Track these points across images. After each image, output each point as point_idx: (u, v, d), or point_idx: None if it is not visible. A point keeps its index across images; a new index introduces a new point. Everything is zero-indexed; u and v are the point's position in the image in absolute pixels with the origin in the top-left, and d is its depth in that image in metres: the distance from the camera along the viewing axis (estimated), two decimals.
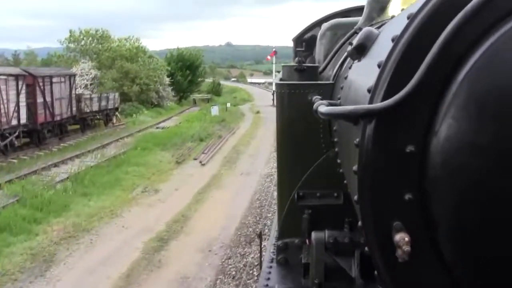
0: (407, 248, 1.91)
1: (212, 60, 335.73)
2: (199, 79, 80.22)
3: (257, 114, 52.01)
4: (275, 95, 4.60)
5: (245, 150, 28.48)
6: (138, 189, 19.07)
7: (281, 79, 4.57)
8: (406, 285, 2.14)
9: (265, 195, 18.00)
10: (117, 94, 40.80)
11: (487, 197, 1.83)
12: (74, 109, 32.29)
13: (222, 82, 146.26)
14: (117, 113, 41.54)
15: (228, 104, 55.98)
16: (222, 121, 41.36)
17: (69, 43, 59.92)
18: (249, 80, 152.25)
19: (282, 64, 4.80)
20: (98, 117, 37.00)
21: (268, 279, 4.50)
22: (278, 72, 6.14)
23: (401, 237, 1.95)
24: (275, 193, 11.45)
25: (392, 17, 3.62)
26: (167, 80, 63.16)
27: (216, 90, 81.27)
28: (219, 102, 70.94)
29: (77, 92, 35.38)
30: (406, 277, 2.13)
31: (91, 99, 34.76)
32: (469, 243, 1.93)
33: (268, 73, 60.66)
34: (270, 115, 45.36)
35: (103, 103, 36.43)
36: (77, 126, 33.86)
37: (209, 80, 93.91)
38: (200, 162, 24.17)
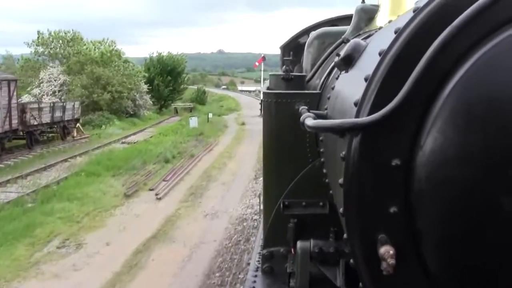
0: (392, 261, 1.91)
1: (203, 68, 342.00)
2: (182, 86, 76.53)
3: (241, 125, 50.02)
4: (262, 104, 4.40)
5: (219, 175, 24.30)
6: (53, 243, 13.61)
7: (268, 88, 4.48)
8: None
9: (231, 260, 12.96)
10: (77, 103, 37.62)
11: (472, 209, 1.85)
12: (15, 121, 27.40)
13: (212, 90, 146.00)
14: (78, 124, 37.80)
15: (210, 115, 54.44)
16: (200, 135, 39.10)
17: (37, 46, 55.07)
18: (239, 88, 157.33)
19: (270, 73, 4.76)
20: (53, 130, 33.89)
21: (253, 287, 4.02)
22: (266, 79, 5.96)
23: (386, 250, 1.94)
24: (245, 255, 10.64)
25: (380, 28, 3.62)
26: (144, 87, 59.27)
27: (200, 99, 73.94)
28: (202, 111, 68.08)
29: (23, 101, 32.42)
30: None
31: (40, 109, 30.44)
32: (454, 255, 1.94)
33: (259, 80, 74.13)
34: (256, 126, 43.99)
35: (58, 114, 32.67)
36: (23, 141, 29.77)
37: (193, 87, 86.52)
38: (156, 195, 19.54)
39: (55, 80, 50.28)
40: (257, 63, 63.57)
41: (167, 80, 62.11)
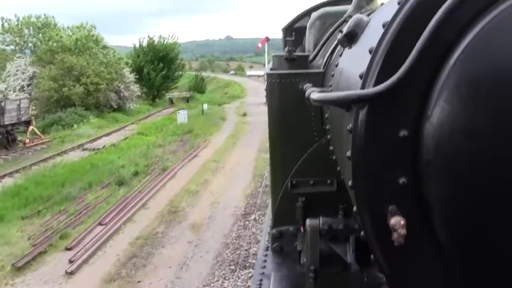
0: (402, 231, 1.96)
1: (211, 54, 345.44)
2: (176, 73, 69.10)
3: (242, 117, 43.89)
4: (266, 85, 4.57)
5: (190, 208, 16.23)
6: None
7: (271, 69, 4.63)
8: (402, 268, 2.19)
9: None
10: (25, 101, 30.66)
11: (480, 181, 1.90)
12: None
13: (219, 75, 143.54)
14: (32, 127, 31.05)
15: (205, 106, 47.46)
16: (188, 133, 32.86)
17: (1, 34, 49.35)
18: (248, 72, 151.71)
19: (272, 54, 4.96)
20: None
21: (264, 267, 4.59)
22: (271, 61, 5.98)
23: (397, 221, 2.00)
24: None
25: (382, 4, 3.76)
26: (130, 76, 52.94)
27: (199, 87, 62.81)
28: (200, 101, 62.07)
29: None
30: (402, 260, 2.18)
31: None
32: (464, 226, 2.01)
33: None
34: (259, 118, 38.93)
35: None
36: None
37: (191, 73, 77.00)
38: (70, 262, 11.83)
39: (23, 73, 44.74)
40: (259, 44, 53.67)
41: (158, 67, 51.25)
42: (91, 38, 45.86)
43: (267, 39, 53.94)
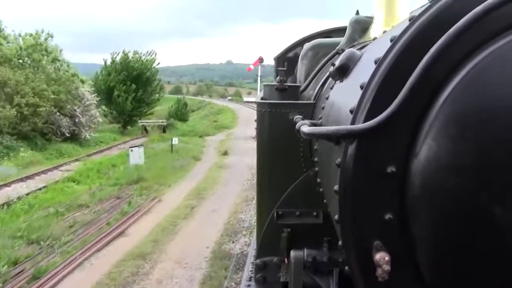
0: (387, 267, 2.04)
1: (211, 78, 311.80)
2: (153, 97, 41.08)
3: (222, 157, 35.06)
4: (256, 115, 4.82)
5: None
6: None
7: (262, 98, 4.84)
8: None
9: None
10: None
11: (466, 217, 2.01)
12: None
13: (215, 101, 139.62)
14: None
15: (175, 140, 36.91)
16: (137, 182, 24.51)
17: None
18: (245, 98, 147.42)
19: (263, 83, 5.18)
20: None
21: None
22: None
23: (381, 256, 2.07)
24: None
25: (374, 39, 3.96)
26: (90, 97, 43.54)
27: (180, 113, 50.17)
28: (180, 131, 53.88)
29: None
30: None
31: None
32: (448, 263, 2.11)
33: None
34: (243, 158, 31.85)
35: None
36: None
37: (197, 98, 67.99)
38: None
39: None
40: (252, 66, 41.67)
41: (130, 89, 39.80)
42: (39, 47, 34.56)
43: (261, 60, 43.61)
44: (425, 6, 2.24)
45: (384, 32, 3.50)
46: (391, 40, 2.21)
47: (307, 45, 6.31)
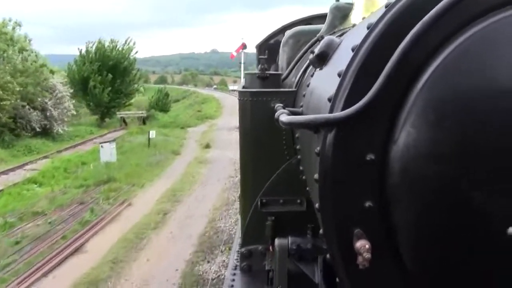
0: (367, 255, 2.07)
1: (196, 67, 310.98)
2: (131, 87, 37.71)
3: (204, 150, 32.59)
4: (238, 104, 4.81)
5: None
6: None
7: (244, 87, 4.89)
8: None
9: None
10: None
11: (445, 204, 2.03)
12: None
13: (200, 90, 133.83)
14: None
15: (153, 133, 34.07)
16: (106, 182, 22.15)
17: None
18: (230, 87, 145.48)
19: (245, 72, 5.50)
20: None
21: (232, 286, 4.67)
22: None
23: (362, 244, 2.10)
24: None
25: (354, 25, 4.02)
26: (63, 90, 40.50)
27: (162, 104, 47.17)
28: (162, 122, 50.91)
29: None
30: (367, 283, 2.29)
31: None
32: (428, 250, 2.15)
33: None
34: (226, 152, 29.50)
35: None
36: None
37: (181, 87, 66.36)
38: None
39: None
40: (234, 53, 39.10)
41: (107, 79, 36.82)
42: (4, 37, 31.70)
43: (244, 46, 40.95)
44: None
45: (363, 18, 3.56)
46: (367, 28, 2.25)
47: (288, 33, 6.38)
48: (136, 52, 55.28)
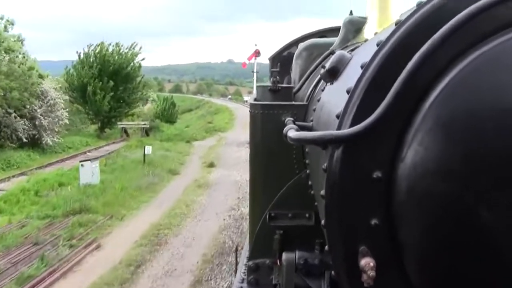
0: (372, 273, 2.09)
1: (212, 77, 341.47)
2: (134, 96, 32.89)
3: (206, 169, 28.69)
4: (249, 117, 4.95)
5: None
6: None
7: (255, 99, 4.92)
8: None
9: None
10: None
11: (453, 221, 2.06)
12: None
13: (214, 100, 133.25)
14: None
15: (149, 149, 29.91)
16: (79, 212, 17.99)
17: None
18: (245, 98, 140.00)
19: (257, 84, 5.77)
20: None
21: None
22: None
23: (367, 262, 2.12)
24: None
25: (366, 40, 4.12)
26: (56, 96, 36.32)
27: (168, 114, 42.52)
28: (165, 135, 44.80)
29: None
30: None
31: None
32: (434, 268, 2.17)
33: None
34: (233, 173, 26.70)
35: None
36: None
37: (196, 97, 63.87)
38: None
39: None
40: (247, 61, 33.87)
41: (107, 86, 32.37)
42: None
43: (257, 53, 36.90)
44: (411, 9, 2.35)
45: (376, 33, 3.64)
46: (377, 45, 2.33)
47: (301, 45, 6.52)
48: (143, 59, 52.87)
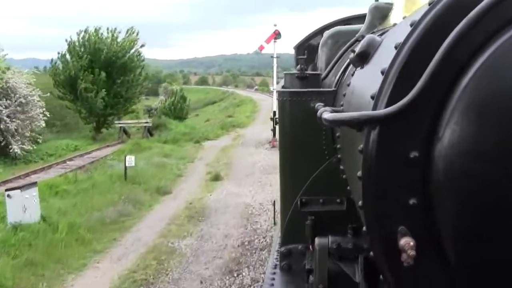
0: (412, 252, 2.13)
1: (238, 69, 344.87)
2: (133, 90, 23.76)
3: (208, 186, 20.74)
4: (277, 109, 5.99)
5: None
6: None
7: (283, 87, 5.03)
8: None
9: None
10: None
11: (489, 202, 2.10)
12: None
13: (239, 91, 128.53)
14: None
15: (131, 160, 20.79)
16: None
17: None
18: (271, 88, 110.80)
19: (284, 72, 5.57)
20: None
21: (272, 285, 4.61)
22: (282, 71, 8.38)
23: (406, 242, 2.15)
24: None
25: (394, 25, 4.10)
26: (28, 93, 29.59)
27: (177, 110, 33.50)
28: (174, 133, 37.22)
29: None
30: (411, 281, 2.35)
31: None
32: (473, 248, 2.22)
33: None
34: (244, 192, 19.48)
35: None
36: None
37: (221, 89, 57.92)
38: None
39: None
40: (264, 44, 23.78)
41: (99, 79, 23.80)
42: None
43: (277, 34, 29.20)
44: None
45: (404, 18, 3.60)
46: (411, 25, 2.36)
47: (327, 33, 6.61)
48: (142, 46, 45.45)
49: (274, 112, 33.53)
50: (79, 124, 42.76)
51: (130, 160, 22.44)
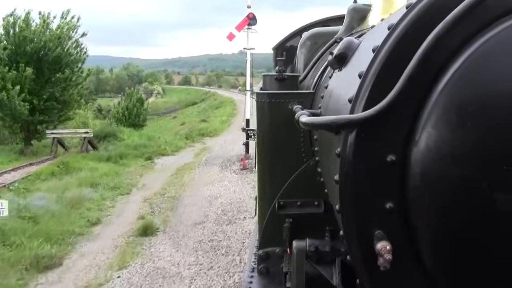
0: (388, 256, 2.20)
1: (223, 69, 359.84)
2: (72, 91, 12.52)
3: (125, 254, 11.07)
4: (255, 107, 4.92)
5: None
6: None
7: (261, 88, 5.07)
8: None
9: None
10: None
11: (466, 206, 2.16)
12: None
13: (221, 92, 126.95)
14: None
15: (2, 208, 11.83)
16: None
17: None
18: (254, 88, 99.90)
19: (263, 74, 5.49)
20: None
21: None
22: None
23: (383, 246, 2.20)
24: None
25: (372, 26, 4.32)
26: None
27: (133, 114, 22.72)
28: (123, 146, 29.13)
29: None
30: (387, 285, 2.43)
31: None
32: (449, 252, 2.29)
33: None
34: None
35: None
36: None
37: (203, 89, 48.31)
38: None
39: None
40: (235, 31, 13.07)
41: (24, 76, 13.40)
42: None
43: (251, 19, 19.40)
44: None
45: (382, 20, 3.74)
46: (388, 28, 2.43)
47: (305, 34, 6.82)
48: (84, 35, 35.97)
49: (247, 121, 26.24)
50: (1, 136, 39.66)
51: (2, 207, 13.60)
